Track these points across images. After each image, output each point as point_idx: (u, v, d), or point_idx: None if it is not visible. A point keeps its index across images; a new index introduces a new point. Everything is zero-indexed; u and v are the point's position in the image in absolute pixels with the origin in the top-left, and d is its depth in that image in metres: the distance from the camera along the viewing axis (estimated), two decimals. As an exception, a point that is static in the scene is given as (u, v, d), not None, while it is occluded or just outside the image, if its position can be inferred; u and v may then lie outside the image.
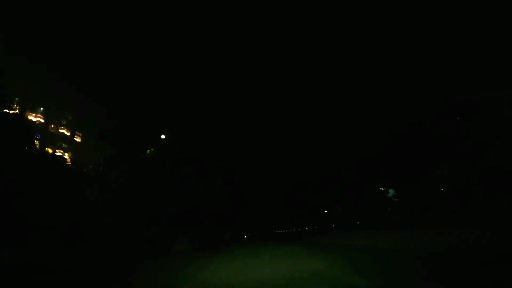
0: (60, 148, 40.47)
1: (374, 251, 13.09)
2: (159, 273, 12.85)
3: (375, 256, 11.33)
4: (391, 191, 36.50)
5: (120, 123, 31.47)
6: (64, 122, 42.37)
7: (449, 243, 11.02)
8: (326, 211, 54.43)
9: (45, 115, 40.92)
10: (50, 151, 36.89)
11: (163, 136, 34.87)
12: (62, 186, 22.45)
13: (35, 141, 36.63)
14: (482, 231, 10.93)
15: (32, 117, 39.43)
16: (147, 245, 26.56)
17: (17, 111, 37.42)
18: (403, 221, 27.48)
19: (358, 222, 40.93)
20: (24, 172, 19.70)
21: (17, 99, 37.25)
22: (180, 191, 32.80)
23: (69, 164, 32.34)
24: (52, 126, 41.58)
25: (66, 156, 40.12)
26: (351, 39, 71.60)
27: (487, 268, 6.47)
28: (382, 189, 37.86)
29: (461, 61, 28.30)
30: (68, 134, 42.65)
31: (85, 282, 11.90)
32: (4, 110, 20.45)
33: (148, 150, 32.21)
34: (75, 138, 42.69)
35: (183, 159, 36.87)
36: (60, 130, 42.29)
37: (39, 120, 40.09)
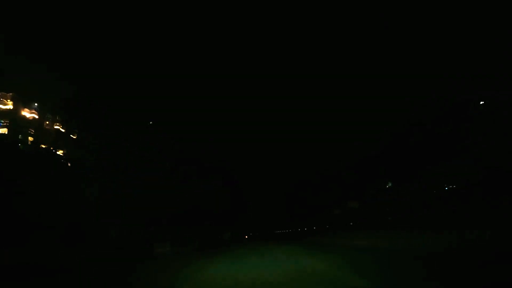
0: (55, 145, 39.89)
1: (374, 251, 13.08)
2: (159, 273, 12.85)
3: (375, 256, 11.32)
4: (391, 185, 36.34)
5: (78, 91, 30.27)
6: (59, 119, 41.65)
7: (449, 243, 11.00)
8: (326, 211, 54.42)
9: (39, 111, 40.34)
10: (44, 147, 36.44)
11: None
12: (62, 186, 22.45)
13: (29, 137, 36.32)
14: (482, 231, 10.92)
15: (26, 113, 39.05)
16: (145, 245, 26.14)
17: (11, 106, 37.20)
18: (403, 221, 27.44)
19: (358, 222, 40.88)
20: (24, 172, 19.70)
21: (10, 94, 36.88)
22: (180, 191, 32.82)
23: (64, 161, 32.05)
24: (47, 122, 40.99)
25: (61, 153, 39.63)
26: (351, 39, 71.56)
27: (487, 268, 6.46)
28: (385, 186, 37.74)
29: (461, 61, 28.29)
30: (63, 131, 42.06)
31: (85, 282, 11.90)
32: None
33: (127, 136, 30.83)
34: (71, 135, 42.07)
35: (183, 159, 36.90)
36: (56, 127, 41.65)
37: (33, 116, 39.66)
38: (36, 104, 40.78)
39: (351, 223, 42.86)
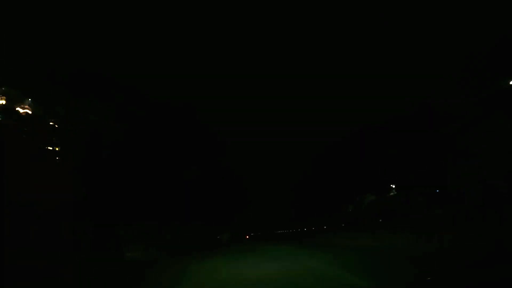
0: (50, 142, 39.46)
1: (375, 251, 13.10)
2: (160, 273, 12.88)
3: (375, 256, 11.32)
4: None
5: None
6: (54, 115, 41.13)
7: (449, 243, 11.02)
8: (328, 211, 54.16)
9: (33, 107, 39.89)
10: (39, 144, 36.05)
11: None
12: (59, 185, 22.29)
13: (23, 134, 35.96)
14: (478, 231, 10.94)
15: (19, 109, 38.77)
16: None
17: (3, 102, 36.82)
18: (403, 221, 27.39)
19: (359, 223, 40.77)
20: (20, 171, 19.59)
21: (3, 88, 36.45)
22: (178, 189, 32.53)
23: (60, 159, 31.71)
24: (42, 119, 40.49)
25: (56, 150, 39.32)
26: (351, 39, 71.56)
27: (484, 267, 6.48)
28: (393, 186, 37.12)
29: (461, 60, 28.18)
30: (58, 127, 41.60)
31: (85, 282, 11.90)
32: None
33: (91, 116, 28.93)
34: (66, 133, 41.54)
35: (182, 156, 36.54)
36: (51, 123, 41.17)
37: (27, 112, 39.33)
38: (30, 99, 40.23)
39: (352, 224, 42.72)
